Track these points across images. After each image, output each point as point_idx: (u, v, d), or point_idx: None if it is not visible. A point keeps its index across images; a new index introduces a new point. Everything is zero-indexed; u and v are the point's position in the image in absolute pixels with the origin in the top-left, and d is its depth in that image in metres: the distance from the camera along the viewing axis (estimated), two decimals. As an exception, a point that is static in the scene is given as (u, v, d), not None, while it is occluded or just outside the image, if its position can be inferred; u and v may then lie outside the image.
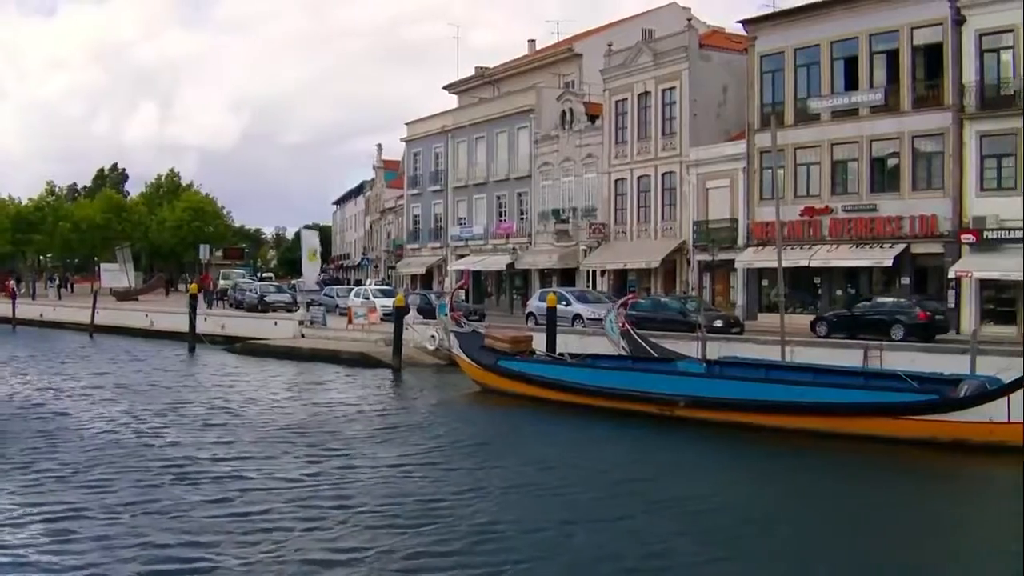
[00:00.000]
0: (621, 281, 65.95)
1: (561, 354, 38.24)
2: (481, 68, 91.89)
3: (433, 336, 43.01)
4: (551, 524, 18.19)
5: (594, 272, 68.50)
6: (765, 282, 55.49)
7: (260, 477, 22.09)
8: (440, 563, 15.86)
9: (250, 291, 77.03)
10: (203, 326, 58.95)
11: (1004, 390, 25.26)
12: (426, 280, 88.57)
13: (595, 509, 19.49)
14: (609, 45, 69.12)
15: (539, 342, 40.87)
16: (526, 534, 17.52)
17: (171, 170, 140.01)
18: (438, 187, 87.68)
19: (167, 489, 20.66)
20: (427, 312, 51.23)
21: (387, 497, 20.18)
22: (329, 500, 19.88)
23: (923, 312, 43.51)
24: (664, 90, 63.66)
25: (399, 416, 32.25)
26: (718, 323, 46.35)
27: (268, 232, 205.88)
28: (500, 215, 79.43)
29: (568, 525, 18.14)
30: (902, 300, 46.03)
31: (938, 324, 43.82)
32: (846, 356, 35.42)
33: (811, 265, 52.52)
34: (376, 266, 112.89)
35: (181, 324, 59.75)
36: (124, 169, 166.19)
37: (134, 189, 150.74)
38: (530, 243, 75.21)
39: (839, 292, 53.10)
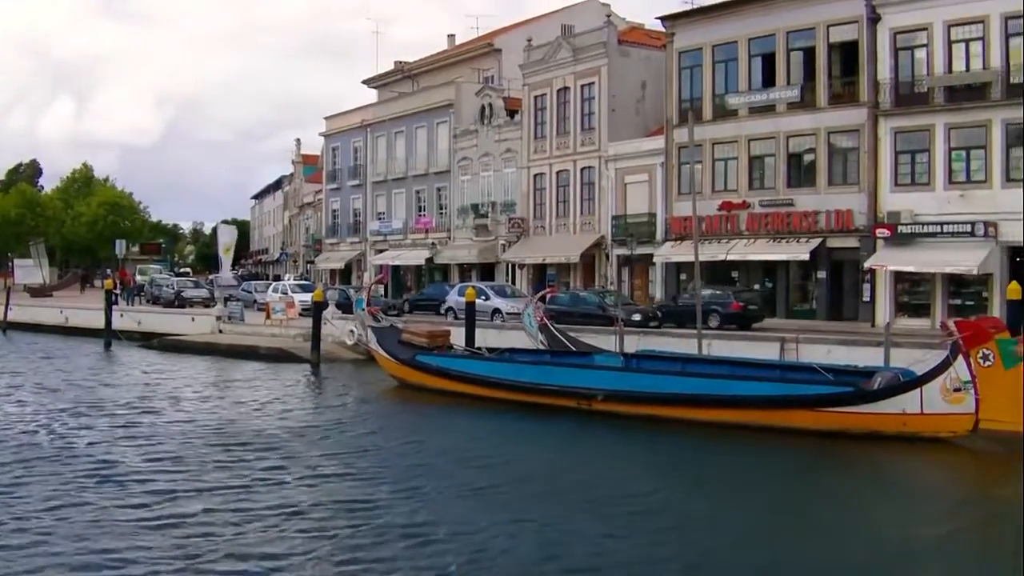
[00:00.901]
0: (540, 275, 66.10)
1: (479, 348, 38.17)
2: (400, 63, 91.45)
3: (352, 331, 42.88)
4: (484, 524, 17.94)
5: (513, 266, 68.52)
6: (683, 276, 55.65)
7: (182, 481, 21.35)
8: (375, 569, 15.57)
9: (167, 286, 76.13)
10: (119, 322, 58.17)
11: (917, 382, 25.64)
12: (345, 275, 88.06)
13: (525, 507, 19.33)
14: (528, 40, 69.18)
15: (458, 337, 40.77)
16: (459, 535, 17.21)
17: (84, 164, 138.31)
18: (357, 182, 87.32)
19: (86, 495, 19.93)
20: (346, 307, 51.01)
21: (316, 500, 19.73)
22: (256, 504, 19.33)
23: (736, 303, 46.29)
24: (583, 85, 63.83)
25: (320, 414, 31.83)
26: (636, 317, 46.50)
27: (186, 227, 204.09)
28: (419, 210, 79.15)
29: (500, 525, 17.94)
30: (719, 292, 47.99)
31: (751, 314, 46.44)
32: (762, 349, 35.72)
33: (729, 259, 52.88)
34: (295, 261, 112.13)
35: (97, 320, 58.77)
36: (39, 163, 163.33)
37: (49, 184, 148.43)
38: (449, 238, 75.11)
39: (757, 286, 53.53)
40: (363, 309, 39.95)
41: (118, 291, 69.04)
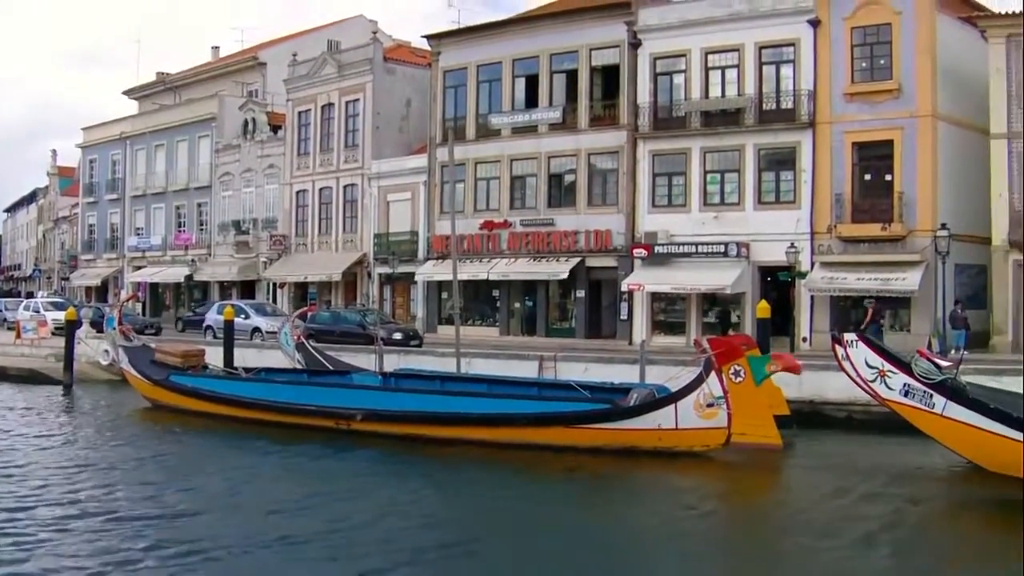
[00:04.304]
0: (302, 293, 65.54)
1: (236, 368, 37.30)
2: (163, 74, 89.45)
3: (107, 351, 41.38)
4: (238, 552, 17.17)
5: (275, 284, 67.63)
6: (445, 295, 55.67)
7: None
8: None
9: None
10: None
11: (671, 398, 26.03)
12: (102, 292, 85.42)
13: (291, 539, 18.36)
14: (294, 55, 68.68)
15: (217, 356, 39.76)
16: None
17: None
18: (115, 196, 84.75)
19: None
20: (101, 326, 49.35)
21: (77, 550, 17.18)
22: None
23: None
24: (348, 102, 63.51)
25: (67, 447, 28.90)
26: (397, 336, 46.26)
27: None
28: (179, 225, 77.42)
29: (264, 556, 17.14)
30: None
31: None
32: (521, 367, 35.83)
33: (490, 278, 53.22)
34: (49, 278, 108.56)
35: None
36: None
37: None
38: (210, 254, 73.63)
39: (517, 304, 54.02)
40: (114, 328, 38.56)
41: None
